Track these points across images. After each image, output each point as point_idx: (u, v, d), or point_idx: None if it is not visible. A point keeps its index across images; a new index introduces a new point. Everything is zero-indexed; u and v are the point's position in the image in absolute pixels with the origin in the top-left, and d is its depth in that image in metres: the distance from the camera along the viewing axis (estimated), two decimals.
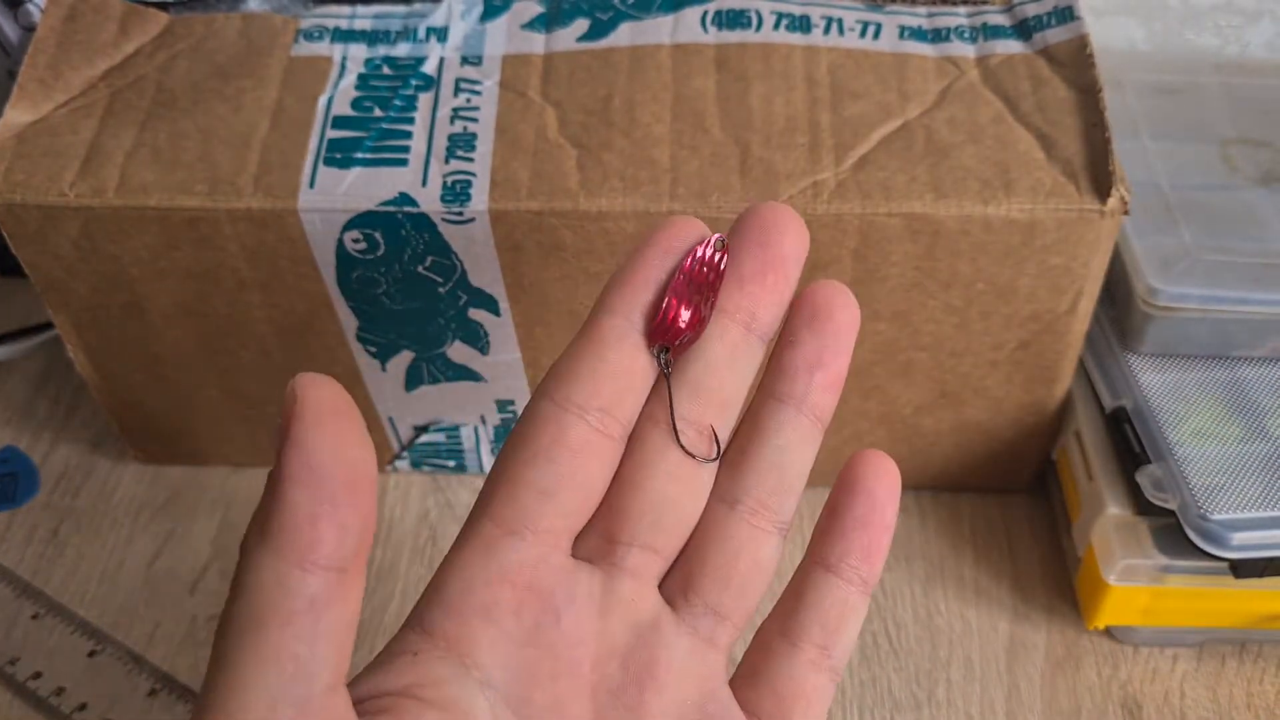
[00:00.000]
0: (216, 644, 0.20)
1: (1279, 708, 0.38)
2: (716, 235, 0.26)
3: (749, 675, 0.27)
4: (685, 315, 0.25)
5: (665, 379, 0.25)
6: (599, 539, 0.25)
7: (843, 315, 0.26)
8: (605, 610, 0.25)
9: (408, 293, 0.37)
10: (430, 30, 0.39)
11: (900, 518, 0.43)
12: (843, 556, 0.26)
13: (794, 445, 0.26)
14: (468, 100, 0.37)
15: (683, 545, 0.26)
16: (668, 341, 0.25)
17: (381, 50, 0.39)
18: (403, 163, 0.36)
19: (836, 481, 0.27)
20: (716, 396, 0.26)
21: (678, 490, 0.25)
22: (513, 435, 0.25)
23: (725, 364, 0.26)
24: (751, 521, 0.26)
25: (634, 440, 0.26)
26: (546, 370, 0.25)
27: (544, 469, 0.24)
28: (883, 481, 0.26)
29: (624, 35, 0.38)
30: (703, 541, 0.26)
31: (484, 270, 0.37)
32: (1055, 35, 0.38)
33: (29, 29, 0.45)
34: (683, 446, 0.25)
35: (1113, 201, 0.34)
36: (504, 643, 0.24)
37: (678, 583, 0.26)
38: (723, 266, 0.25)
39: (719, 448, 0.26)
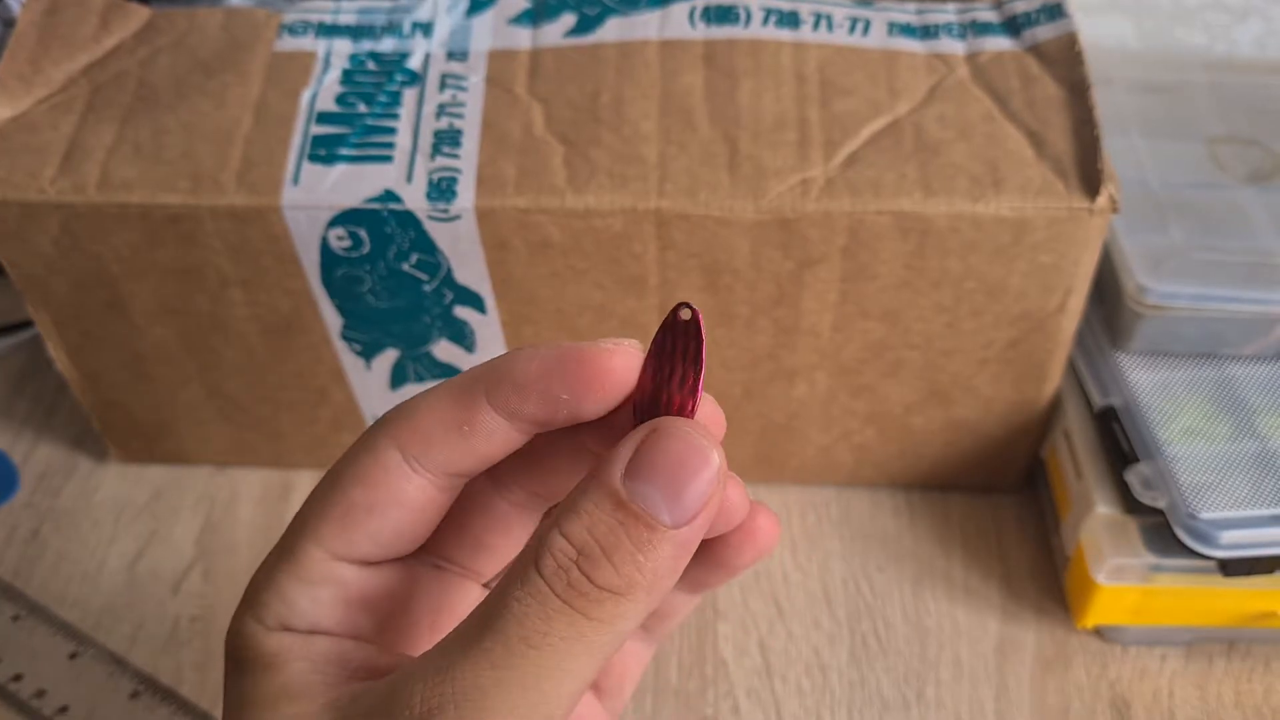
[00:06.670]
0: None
1: (1267, 706, 0.38)
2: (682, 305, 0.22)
3: None
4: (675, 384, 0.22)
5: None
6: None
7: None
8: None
9: (393, 291, 0.37)
10: (415, 25, 0.39)
11: (890, 518, 0.43)
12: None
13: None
14: (453, 96, 0.37)
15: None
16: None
17: (366, 45, 0.38)
18: (387, 159, 0.35)
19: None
20: None
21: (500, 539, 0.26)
22: (350, 468, 0.23)
23: None
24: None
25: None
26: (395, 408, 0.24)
27: (379, 523, 0.24)
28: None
29: (611, 31, 0.38)
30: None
31: (470, 268, 0.36)
32: (1045, 32, 0.38)
33: (8, 23, 0.44)
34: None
35: (1102, 200, 0.34)
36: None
37: None
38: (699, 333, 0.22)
39: None
